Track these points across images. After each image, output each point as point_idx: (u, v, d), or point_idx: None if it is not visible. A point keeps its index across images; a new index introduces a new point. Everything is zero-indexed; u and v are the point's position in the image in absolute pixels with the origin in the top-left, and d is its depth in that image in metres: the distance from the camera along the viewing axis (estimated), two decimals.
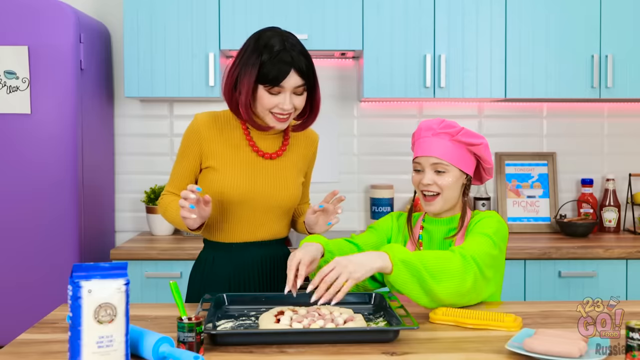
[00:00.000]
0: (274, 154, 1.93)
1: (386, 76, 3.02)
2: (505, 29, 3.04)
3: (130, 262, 2.78)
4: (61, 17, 2.76)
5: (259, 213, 1.93)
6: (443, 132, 1.92)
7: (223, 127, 1.92)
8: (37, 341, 1.54)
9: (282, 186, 1.94)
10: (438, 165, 1.91)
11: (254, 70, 1.77)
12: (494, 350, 1.46)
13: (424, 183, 1.93)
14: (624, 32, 3.04)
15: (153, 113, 3.35)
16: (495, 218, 1.90)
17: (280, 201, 1.94)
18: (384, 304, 1.73)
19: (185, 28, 2.99)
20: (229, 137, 1.92)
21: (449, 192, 1.93)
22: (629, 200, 3.33)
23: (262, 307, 1.75)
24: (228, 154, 1.90)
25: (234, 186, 1.88)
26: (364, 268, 1.62)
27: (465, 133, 1.92)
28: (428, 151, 1.93)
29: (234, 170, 1.89)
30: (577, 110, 3.41)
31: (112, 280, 1.27)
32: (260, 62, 1.77)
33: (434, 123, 1.95)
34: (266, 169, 1.93)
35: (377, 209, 3.21)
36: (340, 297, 1.59)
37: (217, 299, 1.73)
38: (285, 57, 1.77)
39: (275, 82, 1.77)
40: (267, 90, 1.79)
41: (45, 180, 2.77)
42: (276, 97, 1.80)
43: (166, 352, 1.38)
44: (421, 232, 2.01)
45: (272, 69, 1.76)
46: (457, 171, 1.92)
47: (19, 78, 2.74)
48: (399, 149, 3.38)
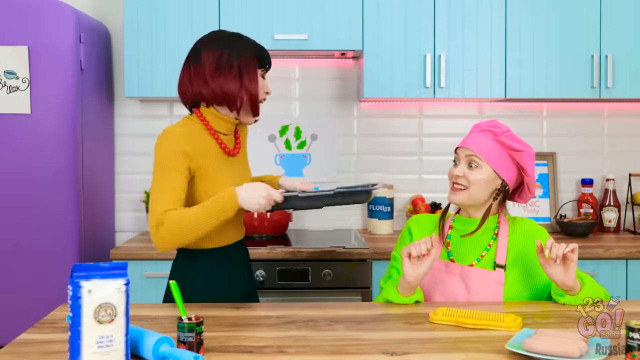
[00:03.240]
0: (235, 151, 2.01)
1: (386, 76, 3.02)
2: (505, 28, 3.04)
3: (130, 262, 2.77)
4: (61, 17, 2.76)
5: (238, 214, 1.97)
6: (488, 130, 1.91)
7: (195, 135, 1.91)
8: (37, 341, 1.54)
9: (247, 176, 2.07)
10: (472, 158, 1.89)
11: (254, 57, 1.92)
12: (494, 350, 1.46)
13: (455, 174, 1.92)
14: (624, 32, 3.04)
15: (153, 113, 3.35)
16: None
17: None
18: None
19: (185, 28, 2.99)
20: (203, 142, 1.92)
21: (477, 190, 1.90)
22: (629, 200, 3.33)
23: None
24: (210, 162, 1.92)
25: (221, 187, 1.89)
26: None
27: (510, 136, 1.89)
28: (466, 143, 1.91)
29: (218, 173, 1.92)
30: (577, 110, 3.41)
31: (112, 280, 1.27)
32: (253, 49, 1.93)
33: (484, 122, 1.95)
34: (235, 164, 2.02)
35: (376, 208, 3.21)
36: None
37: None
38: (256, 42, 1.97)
39: (268, 61, 1.96)
40: (262, 73, 1.96)
41: (45, 180, 2.77)
42: (264, 82, 1.97)
43: (166, 352, 1.38)
44: (450, 231, 2.00)
45: (262, 50, 1.95)
46: (491, 171, 1.89)
47: (19, 78, 2.74)
48: (399, 149, 3.38)
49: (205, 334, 1.52)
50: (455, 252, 1.96)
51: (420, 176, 3.40)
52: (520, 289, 1.92)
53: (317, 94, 3.35)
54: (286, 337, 1.57)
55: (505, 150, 1.89)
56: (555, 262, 1.75)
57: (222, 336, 1.57)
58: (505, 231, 1.95)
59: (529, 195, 1.97)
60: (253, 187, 1.82)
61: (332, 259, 2.75)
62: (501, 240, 1.93)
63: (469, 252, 1.95)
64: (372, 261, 2.77)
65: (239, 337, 1.57)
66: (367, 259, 2.77)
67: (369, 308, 1.85)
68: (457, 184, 1.92)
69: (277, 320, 1.72)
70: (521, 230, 1.97)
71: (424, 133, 3.39)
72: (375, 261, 2.77)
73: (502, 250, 1.92)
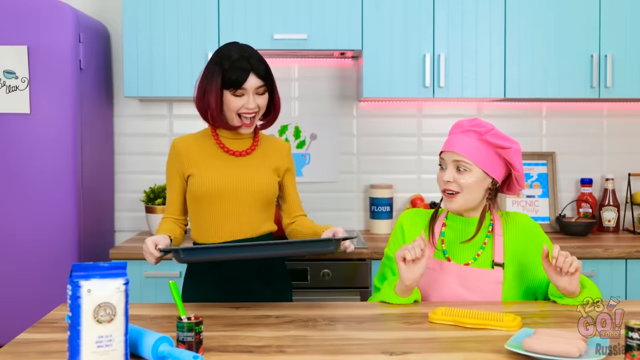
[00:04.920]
0: (244, 152, 2.09)
1: (385, 76, 3.02)
2: (504, 28, 3.04)
3: (130, 262, 2.77)
4: (60, 17, 2.76)
5: (238, 205, 2.06)
6: (472, 130, 1.88)
7: (197, 141, 2.11)
8: (36, 341, 1.54)
9: (252, 176, 2.07)
10: (460, 162, 1.87)
11: (219, 78, 1.99)
12: (493, 350, 1.46)
13: (444, 180, 1.90)
14: (623, 32, 3.04)
15: (152, 113, 3.35)
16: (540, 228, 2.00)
17: (255, 190, 2.06)
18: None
19: (184, 28, 2.99)
20: (204, 148, 2.09)
21: (470, 193, 1.88)
22: (628, 199, 3.33)
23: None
24: (204, 161, 2.07)
25: (210, 181, 2.03)
26: None
27: (495, 134, 1.87)
28: (451, 147, 1.88)
29: (209, 169, 2.06)
30: (577, 110, 3.41)
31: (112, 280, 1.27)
32: (222, 69, 1.98)
33: (465, 121, 1.92)
34: (237, 164, 2.08)
35: (376, 208, 3.21)
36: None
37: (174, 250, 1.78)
38: (243, 63, 1.99)
39: (237, 84, 1.98)
40: (232, 93, 1.99)
41: (45, 180, 2.77)
42: (240, 99, 2.00)
43: (165, 351, 1.38)
44: (443, 229, 1.99)
45: (233, 74, 1.97)
46: (481, 172, 1.88)
47: (19, 78, 2.74)
48: (398, 149, 3.38)
49: (204, 334, 1.52)
50: (450, 250, 1.96)
51: (419, 176, 3.40)
52: (517, 285, 1.93)
53: (317, 93, 3.35)
54: (286, 337, 1.57)
55: (492, 148, 1.88)
56: (560, 273, 1.77)
57: (222, 336, 1.57)
58: (500, 229, 1.95)
59: (518, 188, 1.98)
60: (151, 237, 1.89)
61: (332, 258, 2.75)
62: (497, 239, 1.93)
63: (464, 251, 1.95)
64: (371, 261, 2.77)
65: (238, 336, 1.57)
66: (366, 259, 2.77)
67: (369, 308, 1.85)
68: (449, 190, 1.91)
69: (276, 320, 1.72)
70: (515, 227, 1.97)
71: (423, 133, 3.39)
72: (374, 261, 2.77)
73: (499, 248, 1.92)
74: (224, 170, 2.05)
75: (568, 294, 1.81)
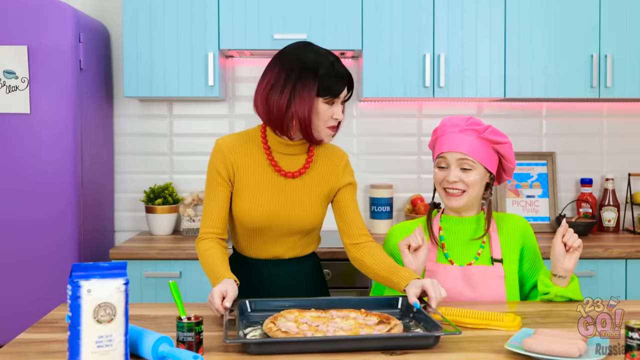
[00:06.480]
0: (297, 172, 1.94)
1: (385, 76, 3.02)
2: (504, 28, 3.04)
3: (130, 262, 2.77)
4: (61, 17, 2.76)
5: (282, 236, 1.98)
6: (470, 129, 1.91)
7: (244, 145, 1.95)
8: (36, 341, 1.54)
9: (299, 207, 1.95)
10: (464, 161, 1.90)
11: (314, 86, 1.83)
12: (493, 350, 1.46)
13: (450, 180, 1.90)
14: (623, 32, 3.04)
15: (152, 113, 3.35)
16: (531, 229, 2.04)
17: (301, 225, 1.97)
18: (411, 308, 1.70)
19: (184, 28, 2.99)
20: (251, 155, 1.94)
21: (475, 190, 1.92)
22: (628, 200, 3.33)
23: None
24: (250, 174, 1.93)
25: (254, 213, 1.92)
26: None
27: (492, 131, 1.91)
28: (455, 147, 1.90)
29: (256, 196, 1.92)
30: (577, 110, 3.41)
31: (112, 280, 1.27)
32: (317, 76, 1.83)
33: (460, 120, 1.94)
34: (287, 190, 1.94)
35: (376, 208, 3.21)
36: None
37: (240, 307, 1.67)
38: (340, 69, 1.87)
39: (335, 93, 1.85)
40: (326, 102, 1.85)
41: (45, 179, 2.77)
42: (330, 109, 1.87)
43: (165, 351, 1.38)
44: (441, 233, 2.00)
45: (333, 82, 1.84)
46: (483, 169, 1.92)
47: (19, 78, 2.74)
48: (398, 149, 3.38)
49: (204, 334, 1.52)
50: (452, 253, 1.97)
51: (419, 176, 3.40)
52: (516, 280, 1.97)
53: None
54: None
55: (490, 145, 1.92)
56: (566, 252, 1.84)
57: (222, 336, 1.57)
58: (494, 225, 1.99)
59: (505, 179, 2.04)
60: (219, 286, 1.68)
61: (332, 258, 2.75)
62: (493, 235, 1.97)
63: (465, 251, 1.96)
64: None
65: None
66: None
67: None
68: (454, 189, 1.92)
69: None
70: (507, 223, 2.01)
71: (424, 133, 3.39)
72: None
73: (496, 244, 1.95)
74: (271, 200, 1.92)
75: (563, 275, 1.85)
